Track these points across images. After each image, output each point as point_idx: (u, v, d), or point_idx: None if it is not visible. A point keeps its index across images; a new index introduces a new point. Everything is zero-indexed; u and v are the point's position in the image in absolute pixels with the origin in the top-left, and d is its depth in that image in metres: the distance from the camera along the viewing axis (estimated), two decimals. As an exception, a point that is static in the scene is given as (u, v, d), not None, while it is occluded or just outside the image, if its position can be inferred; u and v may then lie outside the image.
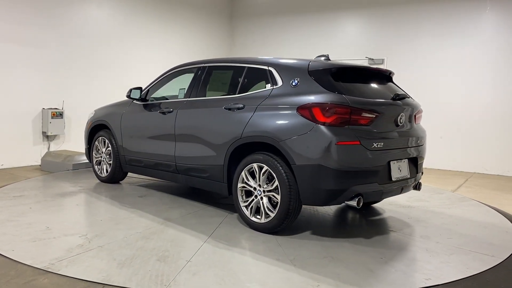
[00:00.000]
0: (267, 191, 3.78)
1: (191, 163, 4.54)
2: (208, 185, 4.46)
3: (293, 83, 3.82)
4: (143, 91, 5.27)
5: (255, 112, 3.90)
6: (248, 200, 3.94)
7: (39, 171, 6.86)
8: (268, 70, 4.07)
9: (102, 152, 5.81)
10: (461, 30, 8.35)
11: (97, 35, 8.26)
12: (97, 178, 5.94)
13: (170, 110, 4.79)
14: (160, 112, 4.91)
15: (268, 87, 4.00)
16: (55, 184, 5.75)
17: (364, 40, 9.42)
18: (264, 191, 3.80)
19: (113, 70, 8.56)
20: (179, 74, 5.18)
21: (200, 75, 4.75)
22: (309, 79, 3.74)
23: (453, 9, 8.40)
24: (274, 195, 3.72)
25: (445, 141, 8.48)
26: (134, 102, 5.38)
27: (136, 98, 5.26)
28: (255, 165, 3.84)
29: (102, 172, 5.84)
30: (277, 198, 3.68)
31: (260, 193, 3.83)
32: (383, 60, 9.06)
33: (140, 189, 5.56)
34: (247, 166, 3.91)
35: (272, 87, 3.96)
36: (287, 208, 3.61)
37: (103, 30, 8.38)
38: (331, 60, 4.22)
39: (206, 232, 3.82)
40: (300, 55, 6.70)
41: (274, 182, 3.70)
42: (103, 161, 5.82)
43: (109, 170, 5.71)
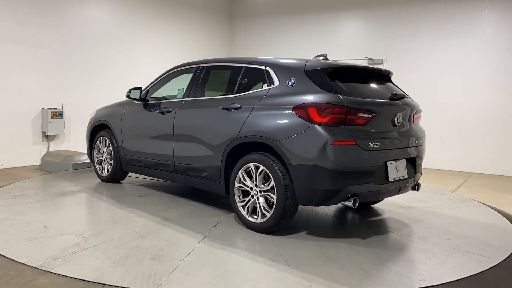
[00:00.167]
0: (264, 191, 3.78)
1: (189, 163, 4.55)
2: (206, 185, 4.47)
3: (290, 83, 3.81)
4: (143, 91, 5.29)
5: (252, 112, 3.90)
6: (245, 200, 3.94)
7: (39, 171, 6.88)
8: (265, 70, 4.07)
9: (103, 152, 5.83)
10: (461, 30, 8.33)
11: (97, 35, 8.28)
12: (98, 177, 5.97)
13: (168, 110, 4.80)
14: (159, 112, 4.92)
15: (265, 87, 4.00)
16: (56, 184, 5.77)
17: (364, 40, 9.41)
18: (260, 191, 3.80)
19: (113, 70, 8.58)
20: (178, 74, 5.19)
21: (199, 75, 4.76)
22: (306, 79, 3.74)
23: (453, 9, 8.38)
24: (270, 195, 3.72)
25: (444, 141, 8.46)
26: (135, 102, 5.40)
27: (135, 98, 5.28)
28: (252, 165, 3.84)
29: (103, 171, 5.87)
30: (273, 198, 3.68)
31: (256, 193, 3.83)
32: (382, 60, 9.04)
33: (140, 189, 5.58)
34: (243, 166, 3.91)
35: (269, 87, 3.95)
36: (283, 208, 3.61)
37: (103, 30, 8.39)
38: (329, 60, 4.21)
39: (202, 232, 3.82)
40: (300, 55, 6.69)
41: (270, 182, 3.70)
42: (104, 160, 5.84)
43: (110, 169, 5.74)
